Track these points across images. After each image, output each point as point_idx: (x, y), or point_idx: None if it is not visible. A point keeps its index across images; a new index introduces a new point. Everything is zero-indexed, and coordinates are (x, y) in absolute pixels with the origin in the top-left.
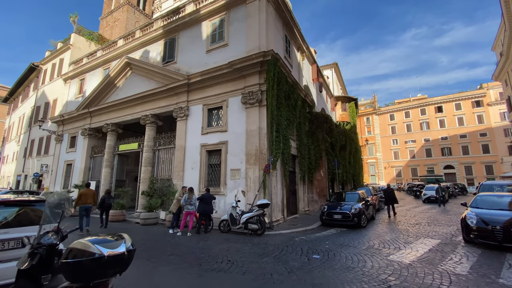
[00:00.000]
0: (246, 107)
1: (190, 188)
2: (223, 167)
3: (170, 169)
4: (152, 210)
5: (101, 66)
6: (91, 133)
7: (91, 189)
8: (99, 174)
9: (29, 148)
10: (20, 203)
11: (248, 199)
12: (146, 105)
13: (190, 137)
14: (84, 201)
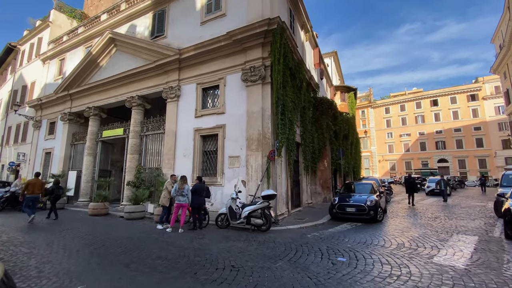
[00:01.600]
0: (247, 85)
1: (182, 176)
2: (220, 154)
3: (160, 157)
4: (138, 203)
5: (82, 44)
6: (72, 118)
7: (40, 179)
8: (80, 163)
9: (5, 136)
10: None
11: (250, 190)
12: (132, 86)
13: (182, 121)
14: (31, 191)
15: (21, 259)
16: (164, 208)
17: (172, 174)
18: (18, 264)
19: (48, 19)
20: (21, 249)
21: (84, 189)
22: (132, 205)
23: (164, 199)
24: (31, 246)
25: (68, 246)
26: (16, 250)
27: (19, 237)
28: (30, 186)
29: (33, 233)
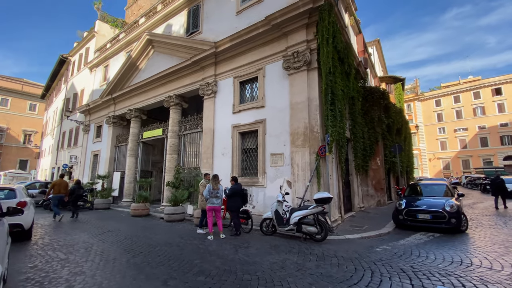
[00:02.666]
0: (289, 73)
1: (214, 176)
2: (261, 152)
3: (198, 157)
4: (178, 204)
5: (123, 49)
6: (115, 121)
7: (64, 180)
8: (124, 164)
9: (60, 141)
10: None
11: (297, 192)
12: (170, 85)
13: (220, 118)
14: (57, 191)
15: (55, 267)
16: (204, 212)
17: (205, 173)
18: (49, 274)
19: (94, 30)
20: (59, 254)
21: (127, 189)
22: (172, 207)
23: (203, 202)
24: (69, 251)
25: (106, 252)
26: (53, 255)
27: (60, 240)
28: (56, 187)
29: (76, 234)
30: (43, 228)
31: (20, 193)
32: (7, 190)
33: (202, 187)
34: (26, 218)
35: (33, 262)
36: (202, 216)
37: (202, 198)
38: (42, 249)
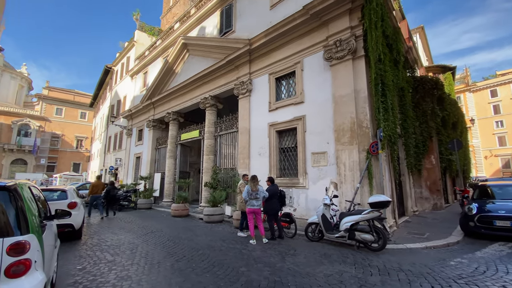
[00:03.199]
0: (331, 65)
1: (253, 176)
2: (301, 151)
3: (234, 157)
4: (216, 205)
5: (160, 56)
6: (155, 124)
7: (101, 182)
8: (163, 166)
9: (107, 145)
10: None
11: (344, 195)
12: (205, 87)
13: (255, 117)
14: (95, 192)
15: (102, 270)
16: (244, 214)
17: (244, 174)
18: (97, 277)
19: (133, 40)
20: (106, 255)
21: (167, 190)
22: (211, 208)
23: (242, 204)
24: (116, 252)
25: (150, 254)
26: (101, 256)
27: (107, 240)
28: (94, 188)
29: (122, 234)
30: (92, 228)
31: (71, 194)
32: (60, 191)
33: (241, 187)
34: (76, 219)
35: (82, 263)
36: (242, 218)
37: (242, 199)
38: (91, 249)
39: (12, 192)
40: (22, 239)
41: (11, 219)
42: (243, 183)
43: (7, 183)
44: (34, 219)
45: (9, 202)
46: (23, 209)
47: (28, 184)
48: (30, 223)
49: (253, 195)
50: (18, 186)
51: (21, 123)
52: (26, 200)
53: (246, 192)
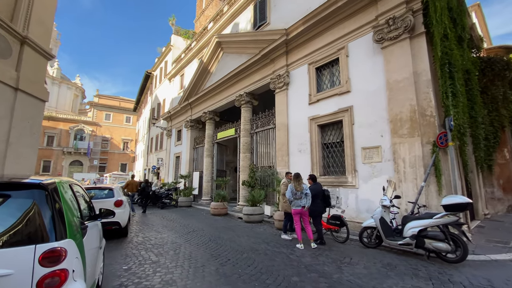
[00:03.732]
0: (383, 47)
1: (295, 174)
2: (349, 146)
3: (272, 154)
4: (255, 204)
5: (195, 57)
6: (192, 124)
7: (135, 180)
8: (201, 164)
9: (149, 146)
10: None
11: (404, 195)
12: (240, 84)
13: (294, 111)
14: (130, 190)
15: (147, 272)
16: (287, 215)
17: (287, 172)
18: (142, 280)
19: (170, 44)
20: (151, 255)
21: (206, 188)
22: (250, 207)
23: (285, 204)
24: (160, 252)
25: (194, 255)
26: (146, 256)
27: (152, 238)
28: (129, 186)
29: (165, 233)
30: (137, 225)
31: (117, 193)
32: (107, 189)
33: (284, 187)
34: (122, 217)
35: (128, 263)
36: (286, 219)
37: (285, 199)
38: (136, 248)
39: (50, 191)
40: (58, 246)
41: (46, 222)
42: (286, 181)
43: (44, 181)
44: (73, 221)
45: (45, 202)
46: (61, 211)
47: (69, 181)
48: (68, 226)
49: (298, 195)
50: (57, 184)
51: (77, 128)
52: (66, 200)
53: (290, 191)
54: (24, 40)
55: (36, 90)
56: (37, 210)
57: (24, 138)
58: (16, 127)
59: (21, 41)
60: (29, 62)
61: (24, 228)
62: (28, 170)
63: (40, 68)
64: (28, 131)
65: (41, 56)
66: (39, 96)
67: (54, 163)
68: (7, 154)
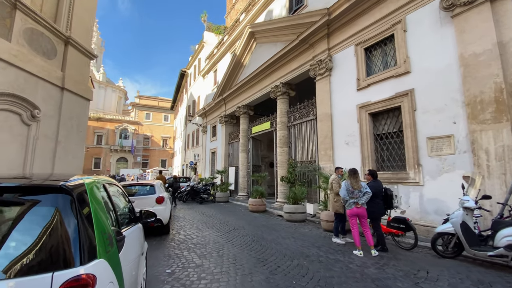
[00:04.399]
0: (453, 15)
1: (351, 170)
2: (409, 136)
3: (312, 148)
4: (297, 202)
5: (228, 51)
6: (227, 119)
7: (163, 175)
8: (237, 160)
9: (186, 142)
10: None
11: (490, 194)
12: (275, 74)
13: (339, 99)
14: None
15: (191, 277)
16: (338, 216)
17: (337, 167)
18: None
19: (203, 41)
20: (193, 256)
21: (242, 183)
22: (292, 205)
23: (337, 204)
24: (203, 254)
25: (239, 259)
26: (189, 258)
27: (193, 236)
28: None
29: (206, 231)
30: (178, 221)
31: (158, 189)
32: (149, 186)
33: (335, 184)
34: (164, 214)
35: (171, 265)
36: (337, 221)
37: (336, 198)
38: (179, 247)
39: (76, 196)
40: (84, 273)
41: (70, 238)
42: (336, 178)
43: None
44: (107, 233)
45: (70, 211)
46: (90, 221)
47: (105, 181)
48: (99, 241)
49: (355, 194)
50: (86, 186)
51: (121, 127)
52: (97, 207)
53: (344, 189)
54: (67, 40)
55: (81, 89)
56: (58, 223)
57: (72, 137)
58: (64, 126)
59: (65, 41)
60: (73, 62)
61: (41, 248)
62: (77, 168)
63: (83, 68)
64: (75, 130)
65: (84, 56)
66: (84, 95)
67: (103, 160)
68: (56, 152)
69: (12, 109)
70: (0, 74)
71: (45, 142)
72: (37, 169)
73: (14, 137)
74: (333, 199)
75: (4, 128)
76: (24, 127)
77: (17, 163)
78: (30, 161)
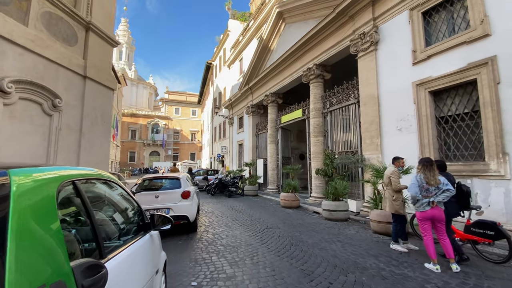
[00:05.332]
0: None
1: (428, 161)
2: (491, 117)
3: (353, 137)
4: (338, 198)
5: (254, 37)
6: (254, 110)
7: (176, 168)
8: (265, 151)
9: (213, 135)
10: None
11: None
12: (307, 56)
13: (387, 77)
14: None
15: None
16: (398, 217)
17: (395, 157)
18: None
19: (228, 30)
20: (224, 264)
21: (271, 176)
22: (332, 201)
23: (396, 203)
24: (234, 260)
25: (278, 270)
26: (218, 265)
27: (223, 236)
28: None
29: (236, 229)
30: (206, 216)
31: (184, 182)
32: (174, 179)
33: (394, 178)
34: (190, 210)
35: (197, 275)
36: (396, 224)
37: (395, 195)
38: (206, 249)
39: None
40: None
41: None
42: (396, 171)
43: None
44: None
45: None
46: None
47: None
48: None
49: (430, 192)
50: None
51: (153, 122)
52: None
53: (416, 186)
54: (88, 26)
55: (104, 78)
56: None
57: (96, 128)
58: (88, 117)
59: (86, 27)
60: (95, 49)
61: None
62: (102, 160)
63: (106, 55)
64: (99, 120)
65: (106, 43)
66: (107, 84)
67: (137, 153)
68: (81, 143)
69: (31, 98)
70: (17, 61)
71: (68, 133)
72: (61, 161)
73: (36, 127)
74: (390, 196)
75: (25, 118)
76: (45, 118)
77: (40, 155)
78: (54, 153)
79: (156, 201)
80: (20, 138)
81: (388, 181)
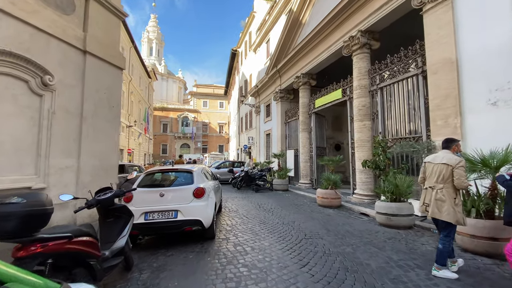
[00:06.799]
0: None
1: None
2: None
3: (416, 118)
4: (399, 199)
5: (282, 12)
6: (282, 95)
7: (182, 159)
8: (295, 141)
9: (240, 126)
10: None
11: None
12: (349, 22)
13: (472, 33)
14: None
15: None
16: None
17: (449, 139)
18: None
19: (253, 11)
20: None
21: (304, 169)
22: (391, 202)
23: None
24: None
25: None
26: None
27: (247, 248)
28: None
29: (265, 238)
30: (228, 216)
31: (198, 177)
32: (185, 172)
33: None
34: (205, 213)
35: None
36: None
37: (457, 197)
38: (223, 273)
39: None
40: None
41: None
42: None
43: None
44: None
45: None
46: None
47: None
48: None
49: None
50: None
51: (183, 116)
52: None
53: None
54: None
55: (109, 55)
56: None
57: (101, 112)
58: (90, 99)
59: None
60: (98, 21)
61: None
62: (110, 149)
63: (112, 29)
64: (106, 104)
65: (111, 14)
66: (114, 62)
67: (169, 146)
68: (82, 130)
69: (13, 74)
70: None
71: (65, 117)
72: (56, 151)
73: (21, 109)
74: (452, 199)
75: (6, 96)
76: (34, 98)
77: (27, 143)
78: (46, 140)
79: (161, 201)
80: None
81: (449, 174)
